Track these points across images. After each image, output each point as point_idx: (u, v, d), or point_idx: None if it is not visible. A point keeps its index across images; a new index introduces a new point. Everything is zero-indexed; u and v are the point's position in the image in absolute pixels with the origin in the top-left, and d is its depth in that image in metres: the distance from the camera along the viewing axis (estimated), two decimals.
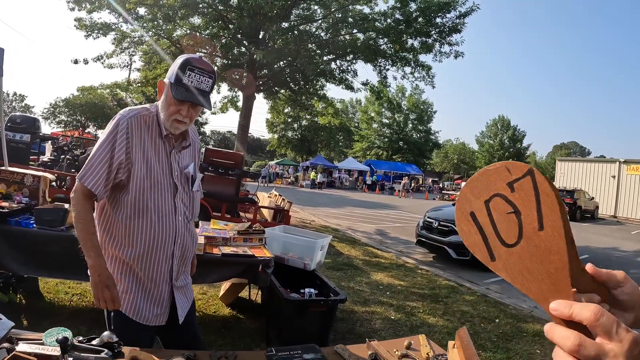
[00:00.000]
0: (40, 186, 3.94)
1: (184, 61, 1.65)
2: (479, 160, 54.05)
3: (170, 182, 1.77)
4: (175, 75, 1.64)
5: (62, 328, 1.46)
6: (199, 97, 1.65)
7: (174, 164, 1.79)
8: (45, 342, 1.41)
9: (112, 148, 1.64)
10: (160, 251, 1.73)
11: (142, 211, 1.70)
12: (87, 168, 1.64)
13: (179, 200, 1.80)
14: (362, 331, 4.18)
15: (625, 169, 26.25)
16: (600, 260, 10.24)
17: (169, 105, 1.68)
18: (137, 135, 1.69)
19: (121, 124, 1.66)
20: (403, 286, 6.19)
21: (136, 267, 1.72)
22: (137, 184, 1.68)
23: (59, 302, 4.02)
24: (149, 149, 1.72)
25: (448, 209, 9.99)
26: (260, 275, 3.10)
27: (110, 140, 1.65)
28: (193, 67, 1.64)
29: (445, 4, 10.30)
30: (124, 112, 1.71)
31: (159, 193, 1.72)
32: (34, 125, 8.77)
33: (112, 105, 29.74)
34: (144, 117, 1.73)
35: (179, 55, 1.73)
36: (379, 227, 12.99)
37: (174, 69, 1.67)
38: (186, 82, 1.63)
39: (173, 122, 1.70)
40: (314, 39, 11.65)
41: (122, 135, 1.65)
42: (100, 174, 1.63)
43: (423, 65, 11.61)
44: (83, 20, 11.03)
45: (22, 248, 3.36)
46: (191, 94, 1.64)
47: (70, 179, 7.83)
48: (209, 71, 1.67)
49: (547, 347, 4.40)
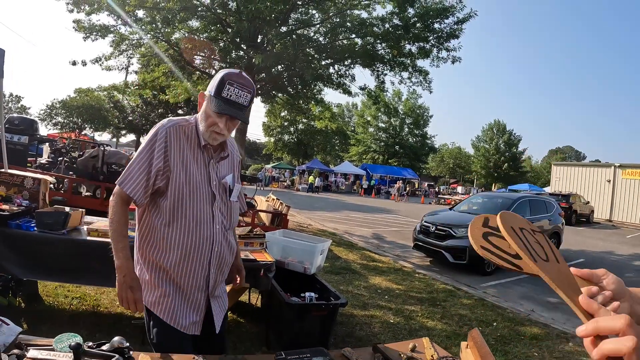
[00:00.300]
0: (41, 189, 3.93)
1: (223, 75, 1.69)
2: (474, 165, 54.22)
3: (208, 190, 1.80)
4: (215, 89, 1.68)
5: (72, 334, 1.46)
6: (237, 110, 1.69)
7: (212, 173, 1.82)
8: (55, 348, 1.40)
9: (151, 155, 1.69)
10: (196, 258, 1.76)
11: (179, 218, 1.73)
12: (126, 174, 1.69)
13: (216, 209, 1.82)
14: (361, 335, 4.19)
15: (621, 173, 26.42)
16: (595, 264, 10.23)
17: (207, 117, 1.72)
18: (175, 143, 1.73)
19: (160, 132, 1.72)
20: (401, 290, 6.22)
21: (173, 273, 1.75)
22: (176, 191, 1.72)
23: (58, 305, 4.01)
24: (188, 157, 1.76)
25: (445, 214, 10.04)
26: (262, 279, 3.11)
27: (149, 148, 1.70)
28: (232, 82, 1.67)
29: (444, 10, 10.38)
30: (163, 122, 1.78)
31: (196, 200, 1.75)
32: (32, 127, 8.75)
33: (109, 107, 29.65)
34: (183, 127, 1.77)
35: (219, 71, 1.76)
36: (375, 231, 13.01)
37: (214, 82, 1.71)
38: (225, 96, 1.67)
39: (211, 133, 1.74)
40: (313, 44, 11.70)
41: (160, 143, 1.70)
42: (139, 180, 1.68)
43: (420, 71, 11.68)
44: (82, 22, 11.03)
45: (23, 251, 3.35)
46: (229, 107, 1.67)
47: (69, 181, 7.80)
48: (247, 86, 1.71)
49: (544, 350, 4.44)
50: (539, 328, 5.16)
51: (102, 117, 28.48)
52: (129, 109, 30.92)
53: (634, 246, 14.84)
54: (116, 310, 4.09)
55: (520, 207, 9.31)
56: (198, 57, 12.11)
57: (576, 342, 4.79)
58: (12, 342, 1.45)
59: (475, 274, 8.01)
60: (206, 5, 10.80)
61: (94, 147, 9.17)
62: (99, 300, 4.23)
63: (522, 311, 5.89)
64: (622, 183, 26.24)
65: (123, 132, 34.01)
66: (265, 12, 9.67)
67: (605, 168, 28.07)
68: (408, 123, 50.80)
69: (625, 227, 23.55)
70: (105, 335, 1.49)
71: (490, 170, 50.91)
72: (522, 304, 6.34)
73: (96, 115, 27.92)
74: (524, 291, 7.21)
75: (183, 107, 31.93)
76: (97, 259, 3.34)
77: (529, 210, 9.53)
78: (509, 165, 50.17)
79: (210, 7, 10.75)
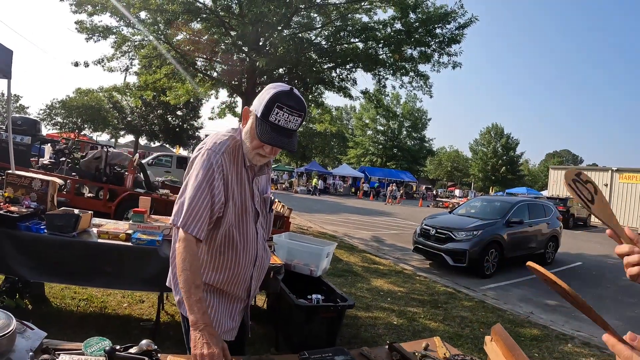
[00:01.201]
0: (49, 191, 3.94)
1: (274, 95, 1.53)
2: (472, 168, 54.43)
3: (253, 209, 1.74)
4: (262, 109, 1.54)
5: (100, 337, 1.48)
6: (283, 138, 1.56)
7: (255, 190, 1.76)
8: (85, 352, 1.41)
9: (211, 189, 1.57)
10: (242, 275, 1.75)
11: (230, 243, 1.69)
12: (188, 214, 1.55)
13: (259, 226, 1.79)
14: (367, 336, 4.25)
15: (618, 177, 26.60)
16: (593, 267, 10.39)
17: (252, 138, 1.61)
18: (231, 172, 1.64)
19: (215, 162, 1.59)
20: (403, 292, 6.28)
21: (217, 288, 1.74)
22: (228, 219, 1.66)
23: (65, 307, 4.04)
24: (236, 180, 1.67)
25: (445, 217, 10.12)
26: (271, 281, 3.17)
27: (207, 182, 1.57)
28: (282, 105, 1.52)
29: (445, 15, 10.47)
30: (214, 148, 1.62)
31: (244, 223, 1.71)
32: (34, 127, 8.77)
33: (109, 108, 29.62)
34: (232, 149, 1.66)
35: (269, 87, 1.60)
36: (375, 234, 13.08)
37: (261, 101, 1.57)
38: (272, 120, 1.52)
39: (256, 155, 1.65)
40: (315, 47, 11.76)
41: (219, 174, 1.59)
42: (203, 219, 1.55)
43: (421, 75, 11.77)
44: (84, 22, 11.06)
45: (32, 253, 3.36)
46: (276, 135, 1.54)
47: (71, 182, 7.82)
48: (299, 109, 1.55)
49: (544, 350, 4.51)
50: (539, 329, 5.24)
51: (102, 117, 28.45)
52: (128, 110, 30.94)
53: None
54: (124, 312, 4.13)
55: (519, 211, 9.39)
56: (200, 59, 12.16)
57: (575, 343, 4.87)
58: (38, 347, 1.46)
59: (475, 276, 8.09)
60: (209, 7, 10.85)
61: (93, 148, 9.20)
62: (106, 302, 4.27)
63: (522, 313, 5.96)
64: (619, 187, 26.41)
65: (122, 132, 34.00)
66: (268, 16, 9.73)
67: (602, 172, 28.25)
68: (406, 126, 50.96)
69: None
70: (116, 338, 1.49)
71: (488, 173, 51.11)
72: (521, 306, 6.41)
73: (95, 115, 27.92)
74: (522, 294, 7.28)
75: (182, 108, 32.00)
76: (108, 261, 3.38)
77: (527, 213, 9.61)
78: (507, 169, 50.38)
79: (213, 10, 10.80)
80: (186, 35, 11.49)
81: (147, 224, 3.78)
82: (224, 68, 12.26)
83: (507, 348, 1.18)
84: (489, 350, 1.28)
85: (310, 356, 1.43)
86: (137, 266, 3.37)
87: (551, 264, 10.10)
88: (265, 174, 1.83)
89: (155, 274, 3.29)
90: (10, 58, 5.06)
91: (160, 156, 21.09)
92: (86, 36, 11.31)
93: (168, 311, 4.14)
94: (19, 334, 1.49)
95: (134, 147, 33.30)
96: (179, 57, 11.37)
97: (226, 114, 15.14)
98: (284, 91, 1.55)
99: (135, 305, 4.29)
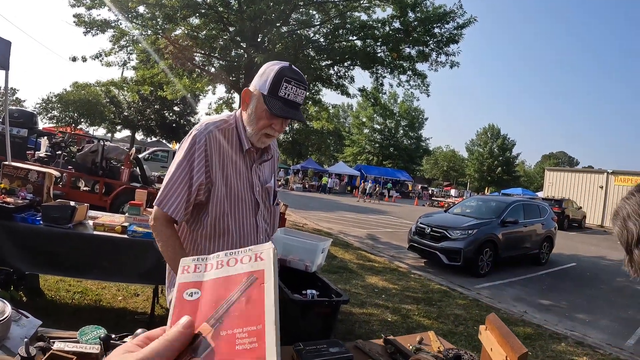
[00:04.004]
0: (45, 183, 3.95)
1: (279, 71, 1.50)
2: (468, 168, 54.62)
3: (251, 199, 1.65)
4: (269, 86, 1.49)
5: (95, 326, 1.47)
6: (295, 111, 1.54)
7: (255, 179, 1.66)
8: (80, 340, 1.40)
9: (191, 169, 1.52)
10: None
11: (223, 232, 1.60)
12: (164, 193, 1.52)
13: (260, 218, 1.69)
14: (361, 332, 4.27)
15: (613, 179, 26.75)
16: (587, 268, 10.47)
17: (259, 118, 1.54)
18: (216, 152, 1.56)
19: (198, 140, 1.54)
20: (397, 290, 6.31)
21: None
22: (218, 205, 1.58)
23: (60, 300, 4.04)
24: (229, 165, 1.59)
25: (440, 216, 10.15)
26: None
27: (187, 160, 1.53)
28: (289, 79, 1.49)
29: (444, 15, 10.49)
30: (200, 127, 1.58)
31: (240, 213, 1.62)
32: (31, 120, 8.71)
33: (105, 102, 29.47)
34: (222, 131, 1.59)
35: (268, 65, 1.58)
36: (370, 232, 13.10)
37: (266, 78, 1.51)
38: (283, 95, 1.49)
39: (262, 136, 1.58)
40: (313, 44, 11.76)
41: (200, 154, 1.53)
42: (180, 199, 1.51)
43: (419, 74, 11.79)
44: (82, 16, 11.00)
45: (28, 245, 3.37)
46: (289, 109, 1.51)
47: (67, 175, 7.80)
48: (303, 82, 1.54)
49: (537, 349, 4.55)
50: (532, 328, 5.28)
51: (98, 112, 28.30)
52: (125, 105, 30.81)
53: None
54: (119, 305, 4.14)
55: (514, 211, 9.44)
56: (198, 54, 12.12)
57: (568, 342, 4.91)
58: (33, 335, 1.47)
59: (469, 275, 8.13)
60: (208, 3, 10.82)
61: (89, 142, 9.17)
62: (100, 295, 4.27)
63: (516, 312, 6.00)
64: (614, 189, 26.55)
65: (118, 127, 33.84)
66: (267, 12, 9.72)
67: (598, 174, 28.42)
68: (403, 125, 50.99)
69: None
70: (111, 330, 1.48)
71: (484, 173, 51.31)
72: (515, 306, 6.45)
73: (92, 109, 27.76)
74: (516, 293, 7.33)
75: (179, 103, 31.88)
76: (103, 253, 3.38)
77: (522, 214, 9.66)
78: (503, 170, 50.59)
79: (212, 5, 10.77)
80: (185, 31, 11.46)
81: (144, 216, 3.78)
82: (221, 64, 12.24)
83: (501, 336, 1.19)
84: (484, 339, 1.29)
85: (305, 347, 1.44)
86: (132, 259, 3.37)
87: (545, 264, 10.16)
88: (267, 161, 1.74)
89: (150, 266, 3.29)
90: (9, 49, 5.04)
91: (156, 151, 21.04)
92: (84, 30, 11.25)
93: (163, 305, 4.14)
94: (14, 322, 1.50)
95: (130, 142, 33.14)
96: (176, 52, 11.33)
97: (223, 109, 15.11)
98: (287, 66, 1.52)
99: (130, 299, 4.29)
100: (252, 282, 0.48)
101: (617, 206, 1.03)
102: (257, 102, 1.54)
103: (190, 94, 15.64)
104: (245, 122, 1.60)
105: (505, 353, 1.18)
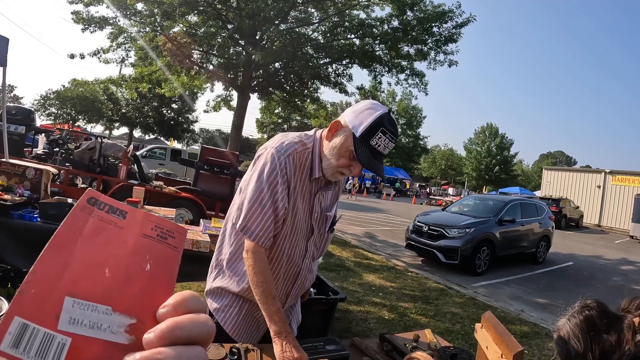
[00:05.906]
0: (43, 180, 3.95)
1: (379, 119, 1.42)
2: (466, 167, 54.63)
3: (308, 224, 1.61)
4: (364, 131, 1.42)
5: None
6: (379, 163, 1.47)
7: (317, 205, 1.61)
8: None
9: (274, 193, 1.46)
10: (278, 290, 1.62)
11: (276, 256, 1.58)
12: (255, 223, 1.46)
13: (311, 243, 1.65)
14: (358, 330, 4.29)
15: (611, 179, 26.81)
16: (584, 267, 10.51)
17: (341, 156, 1.48)
18: (292, 176, 1.51)
19: (279, 164, 1.46)
20: (394, 288, 6.32)
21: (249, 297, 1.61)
22: (285, 229, 1.54)
23: None
24: (297, 189, 1.54)
25: (438, 214, 10.17)
26: None
27: (270, 185, 1.46)
28: (386, 130, 1.42)
29: (442, 14, 10.51)
30: (279, 148, 1.50)
31: (295, 237, 1.59)
32: (29, 117, 8.68)
33: (103, 99, 29.41)
34: (299, 154, 1.53)
35: (369, 103, 1.50)
36: (367, 230, 13.12)
37: (363, 120, 1.44)
38: (374, 145, 1.42)
39: (337, 173, 1.53)
40: (311, 42, 11.77)
41: (283, 177, 1.47)
42: (268, 228, 1.47)
43: (417, 73, 11.80)
44: (80, 13, 10.98)
45: (25, 242, 3.37)
46: (374, 161, 1.44)
47: (65, 173, 7.79)
48: (396, 135, 1.47)
49: (534, 348, 4.57)
50: (529, 327, 5.30)
51: (96, 109, 28.24)
52: (123, 102, 30.76)
53: (622, 251, 15.13)
54: None
55: (511, 210, 9.46)
56: (196, 52, 12.12)
57: None
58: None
59: (466, 274, 8.15)
60: (207, 0, 10.81)
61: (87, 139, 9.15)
62: None
63: (512, 311, 6.02)
64: (611, 189, 26.63)
65: (116, 124, 33.81)
66: (265, 10, 9.72)
67: (595, 174, 28.47)
68: (401, 123, 51.00)
69: (614, 232, 23.91)
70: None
71: (482, 172, 51.32)
72: (512, 304, 6.48)
73: (90, 107, 27.71)
74: (513, 292, 7.36)
75: (177, 101, 31.86)
76: None
77: (520, 212, 9.68)
78: (500, 168, 50.61)
79: (210, 3, 10.76)
80: (183, 28, 11.45)
81: None
82: (219, 61, 12.23)
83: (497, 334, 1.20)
84: (479, 337, 1.30)
85: (302, 345, 1.45)
86: None
87: (542, 263, 10.19)
88: (331, 189, 1.66)
89: None
90: (6, 46, 5.03)
91: (154, 148, 21.01)
92: (82, 27, 11.23)
93: None
94: None
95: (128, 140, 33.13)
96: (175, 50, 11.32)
97: (221, 107, 15.10)
98: (387, 115, 1.45)
99: None
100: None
101: (558, 325, 1.15)
102: (344, 139, 1.47)
103: (189, 92, 15.60)
104: (326, 151, 1.53)
105: (501, 351, 1.18)
